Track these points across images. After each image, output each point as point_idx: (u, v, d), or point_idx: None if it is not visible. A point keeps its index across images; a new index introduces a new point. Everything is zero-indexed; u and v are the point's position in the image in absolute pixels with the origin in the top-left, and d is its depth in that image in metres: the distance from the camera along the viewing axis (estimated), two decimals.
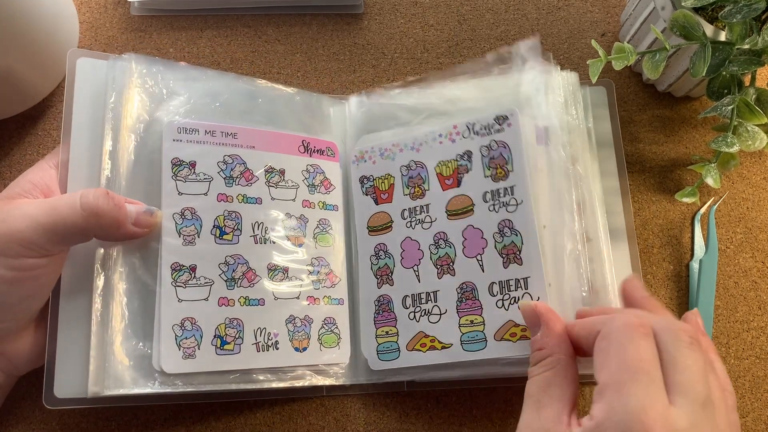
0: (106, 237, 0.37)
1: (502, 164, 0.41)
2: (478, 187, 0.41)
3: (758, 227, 0.49)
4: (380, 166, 0.45)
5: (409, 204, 0.43)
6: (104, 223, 0.36)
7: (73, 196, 0.35)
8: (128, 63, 0.40)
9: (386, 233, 0.44)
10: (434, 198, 0.43)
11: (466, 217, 0.42)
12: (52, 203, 0.35)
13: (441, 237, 0.42)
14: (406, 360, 0.42)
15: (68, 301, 0.38)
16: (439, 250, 0.42)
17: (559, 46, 0.52)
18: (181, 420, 0.43)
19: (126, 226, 0.37)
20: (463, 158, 0.42)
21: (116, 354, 0.37)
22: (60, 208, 0.34)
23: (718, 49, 0.40)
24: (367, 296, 0.43)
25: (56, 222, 0.34)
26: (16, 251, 0.33)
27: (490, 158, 0.41)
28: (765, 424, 0.45)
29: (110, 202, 0.35)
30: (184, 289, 0.38)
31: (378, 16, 0.52)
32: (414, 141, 0.44)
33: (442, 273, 0.41)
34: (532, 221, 0.40)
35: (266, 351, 0.40)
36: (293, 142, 0.44)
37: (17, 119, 0.47)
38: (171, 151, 0.40)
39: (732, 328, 0.46)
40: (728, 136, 0.41)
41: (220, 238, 0.40)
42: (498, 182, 0.41)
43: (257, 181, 0.42)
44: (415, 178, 0.43)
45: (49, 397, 0.37)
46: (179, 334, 0.38)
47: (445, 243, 0.42)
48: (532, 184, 0.40)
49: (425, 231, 0.42)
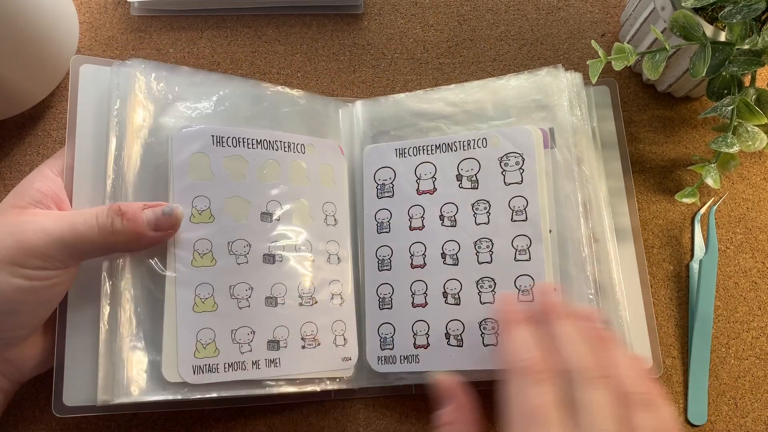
0: (130, 250, 0.37)
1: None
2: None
3: (758, 228, 0.49)
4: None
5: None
6: (124, 240, 0.36)
7: (90, 216, 0.35)
8: (132, 69, 0.40)
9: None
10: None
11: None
12: (70, 221, 0.35)
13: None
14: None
15: (75, 308, 0.38)
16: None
17: (559, 46, 0.52)
18: (180, 420, 0.43)
19: (146, 237, 0.36)
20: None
21: (125, 361, 0.36)
22: (79, 228, 0.34)
23: (718, 50, 0.40)
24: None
25: (77, 241, 0.34)
26: (34, 264, 0.34)
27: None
28: (765, 424, 0.45)
29: (124, 222, 0.35)
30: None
31: (378, 16, 0.52)
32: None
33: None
34: (539, 227, 0.40)
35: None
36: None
37: (17, 119, 0.47)
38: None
39: (732, 328, 0.46)
40: (728, 136, 0.41)
41: None
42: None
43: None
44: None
45: (58, 405, 0.37)
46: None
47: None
48: (539, 188, 0.41)
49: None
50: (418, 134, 0.45)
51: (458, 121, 0.45)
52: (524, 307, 0.39)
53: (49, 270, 0.34)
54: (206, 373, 0.37)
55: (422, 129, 0.45)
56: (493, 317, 0.40)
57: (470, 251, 0.42)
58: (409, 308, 0.42)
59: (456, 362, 0.41)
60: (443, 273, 0.42)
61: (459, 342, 0.41)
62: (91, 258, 0.37)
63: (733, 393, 0.45)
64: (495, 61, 0.52)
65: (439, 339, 0.41)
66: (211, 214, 0.39)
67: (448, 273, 0.42)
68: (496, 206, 0.42)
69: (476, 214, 0.42)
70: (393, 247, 0.43)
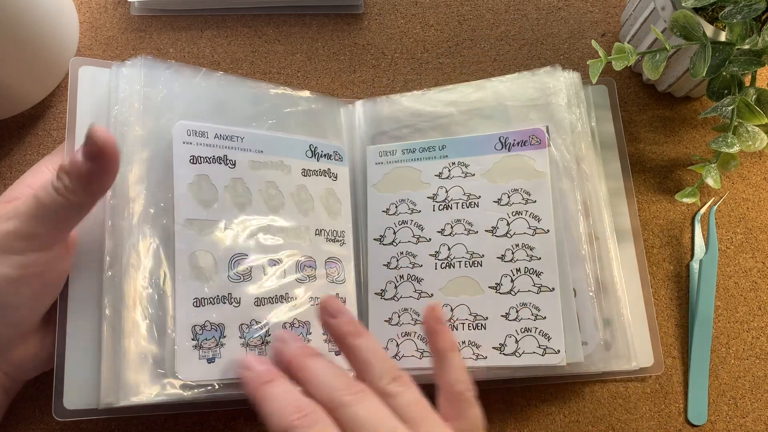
0: (97, 194, 0.34)
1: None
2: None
3: (758, 227, 0.49)
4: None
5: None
6: (79, 189, 0.33)
7: (47, 182, 0.33)
8: (132, 69, 0.40)
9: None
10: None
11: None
12: (34, 194, 0.34)
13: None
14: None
15: (76, 307, 0.37)
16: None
17: (559, 46, 0.52)
18: (180, 420, 0.43)
19: (91, 171, 0.32)
20: None
21: (130, 363, 0.36)
22: (41, 197, 0.33)
23: (718, 50, 0.40)
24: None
25: (45, 210, 0.33)
26: (19, 246, 0.33)
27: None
28: (765, 424, 0.45)
29: (70, 175, 0.33)
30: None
31: (378, 16, 0.52)
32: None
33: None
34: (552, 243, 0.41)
35: None
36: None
37: (17, 119, 0.47)
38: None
39: (732, 328, 0.46)
40: (728, 136, 0.41)
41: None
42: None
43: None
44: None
45: (59, 408, 0.36)
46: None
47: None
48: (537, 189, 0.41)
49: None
50: (417, 134, 0.45)
51: (457, 121, 0.45)
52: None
53: (35, 252, 0.34)
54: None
55: (421, 129, 0.45)
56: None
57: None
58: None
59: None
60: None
61: None
62: (72, 223, 0.35)
63: (733, 393, 0.45)
64: (495, 61, 0.52)
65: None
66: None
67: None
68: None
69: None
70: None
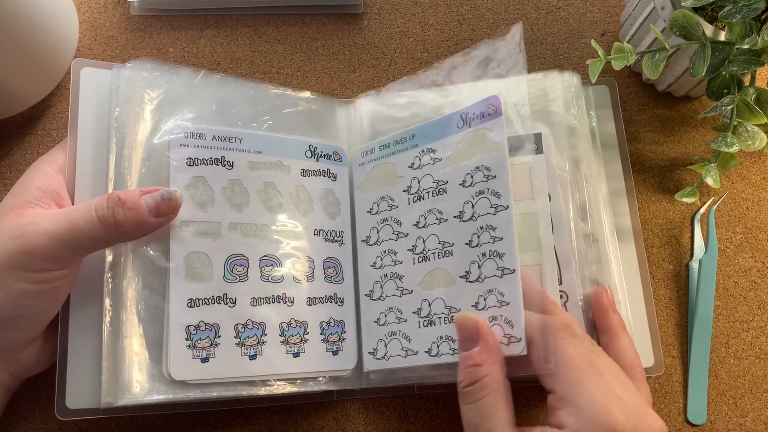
0: (130, 239, 0.37)
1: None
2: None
3: (758, 227, 0.49)
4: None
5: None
6: (126, 230, 0.35)
7: (89, 210, 0.34)
8: (132, 71, 0.40)
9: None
10: None
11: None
12: (69, 218, 0.34)
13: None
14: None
15: (78, 310, 0.38)
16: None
17: (558, 46, 0.52)
18: (180, 420, 0.43)
19: (148, 224, 0.36)
20: None
21: (128, 363, 0.36)
22: (78, 224, 0.34)
23: (717, 49, 0.40)
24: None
25: (77, 237, 0.34)
26: (40, 266, 0.33)
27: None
28: (765, 424, 0.45)
29: (126, 211, 0.35)
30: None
31: (378, 16, 0.52)
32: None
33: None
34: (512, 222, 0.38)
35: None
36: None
37: (17, 119, 0.47)
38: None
39: (732, 328, 0.46)
40: (728, 136, 0.41)
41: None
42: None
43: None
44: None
45: (62, 408, 0.37)
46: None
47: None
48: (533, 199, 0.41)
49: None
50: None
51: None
52: None
53: (54, 271, 0.34)
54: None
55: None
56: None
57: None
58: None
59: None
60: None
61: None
62: (94, 251, 0.36)
63: (733, 392, 0.45)
64: None
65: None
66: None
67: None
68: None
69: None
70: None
